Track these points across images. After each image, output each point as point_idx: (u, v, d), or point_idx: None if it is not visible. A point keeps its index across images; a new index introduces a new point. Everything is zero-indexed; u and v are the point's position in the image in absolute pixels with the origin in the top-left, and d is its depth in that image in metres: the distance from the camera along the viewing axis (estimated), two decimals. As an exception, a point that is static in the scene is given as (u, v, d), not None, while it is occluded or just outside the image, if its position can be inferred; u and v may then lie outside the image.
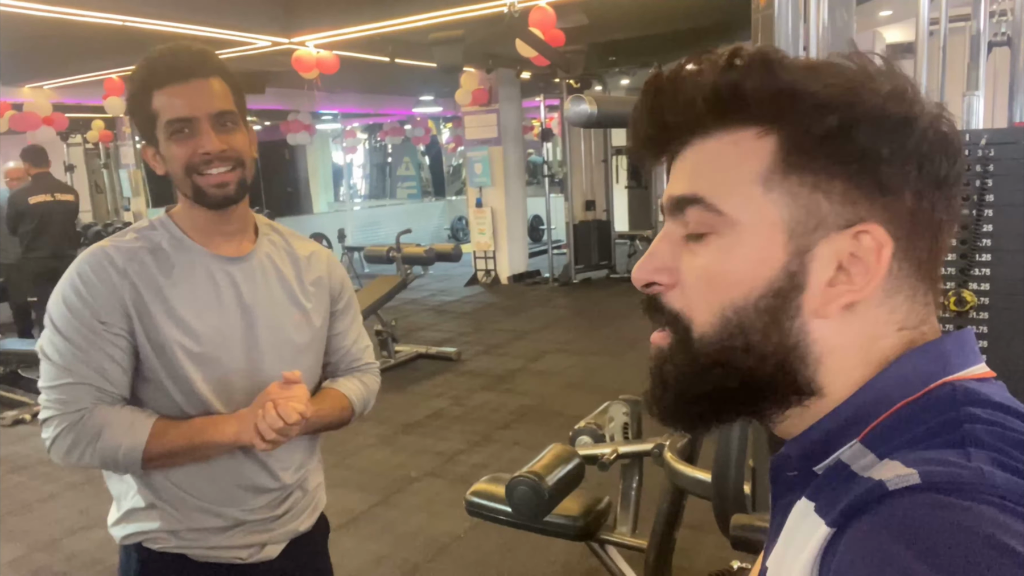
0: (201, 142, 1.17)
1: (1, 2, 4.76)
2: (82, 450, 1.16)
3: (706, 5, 5.84)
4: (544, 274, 9.40)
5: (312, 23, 6.01)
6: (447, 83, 9.01)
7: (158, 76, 1.17)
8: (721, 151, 0.51)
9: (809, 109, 0.48)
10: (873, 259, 0.49)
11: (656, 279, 0.54)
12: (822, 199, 0.49)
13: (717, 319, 0.52)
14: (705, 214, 0.51)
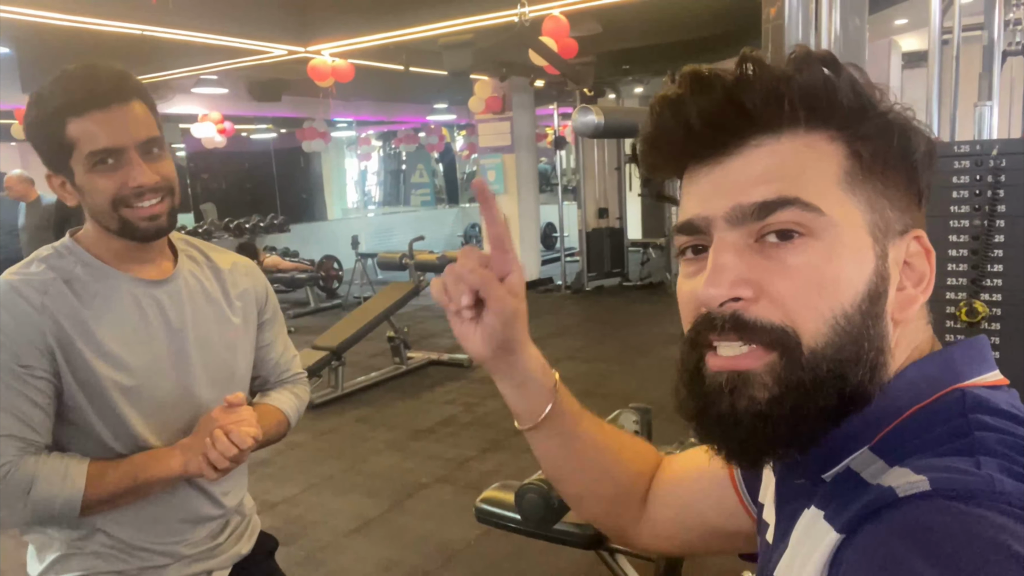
0: (132, 174, 1.08)
1: (24, 11, 4.83)
2: (11, 508, 1.05)
3: (719, 14, 5.84)
4: (557, 281, 9.39)
5: (327, 32, 6.06)
6: (461, 91, 9.05)
7: (74, 102, 1.06)
8: (797, 152, 0.50)
9: (878, 118, 0.50)
10: (924, 262, 0.52)
11: (739, 293, 0.49)
12: (887, 205, 0.50)
13: (830, 328, 0.48)
14: (804, 215, 0.48)
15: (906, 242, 0.51)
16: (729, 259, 0.49)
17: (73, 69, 1.09)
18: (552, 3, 5.10)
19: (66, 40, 5.70)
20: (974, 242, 1.25)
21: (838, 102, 0.49)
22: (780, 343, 0.48)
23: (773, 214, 0.48)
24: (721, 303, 0.49)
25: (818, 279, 0.48)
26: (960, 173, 1.24)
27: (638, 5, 5.18)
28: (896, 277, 0.51)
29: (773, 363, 0.48)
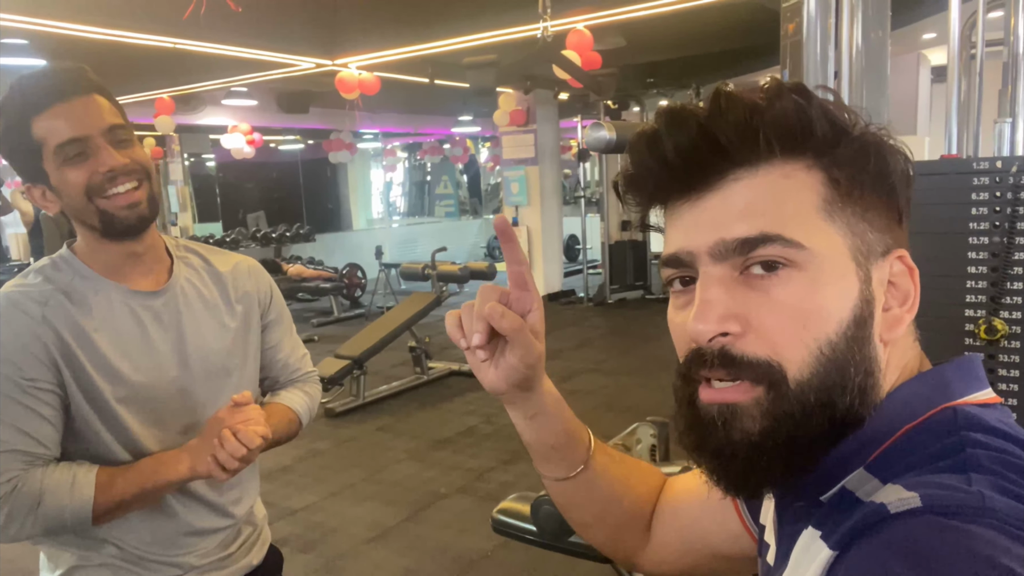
0: (101, 159, 1.06)
1: (60, 25, 4.98)
2: (21, 522, 1.04)
3: (742, 28, 5.84)
4: (579, 294, 9.38)
5: (354, 46, 6.15)
6: (486, 103, 9.12)
7: (34, 100, 1.05)
8: (775, 185, 0.50)
9: (853, 143, 0.51)
10: (908, 281, 0.52)
11: (726, 328, 0.49)
12: (867, 228, 0.51)
13: (815, 359, 0.48)
14: (786, 250, 0.49)
15: (889, 262, 0.51)
16: (716, 293, 0.50)
17: (28, 73, 1.07)
18: (576, 17, 5.14)
19: (102, 53, 5.85)
20: (993, 259, 1.24)
21: (811, 130, 0.50)
22: (766, 377, 0.49)
23: (756, 250, 0.49)
24: (710, 338, 0.50)
25: (803, 311, 0.48)
26: (979, 190, 1.23)
27: (662, 19, 5.20)
28: (881, 298, 0.51)
29: (759, 397, 0.49)
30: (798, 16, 1.45)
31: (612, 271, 9.06)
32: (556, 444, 0.71)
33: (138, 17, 5.03)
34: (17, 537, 1.06)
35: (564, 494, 0.75)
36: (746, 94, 0.50)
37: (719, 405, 0.50)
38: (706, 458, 0.52)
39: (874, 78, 1.76)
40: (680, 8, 4.96)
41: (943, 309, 1.28)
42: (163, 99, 7.86)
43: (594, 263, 10.22)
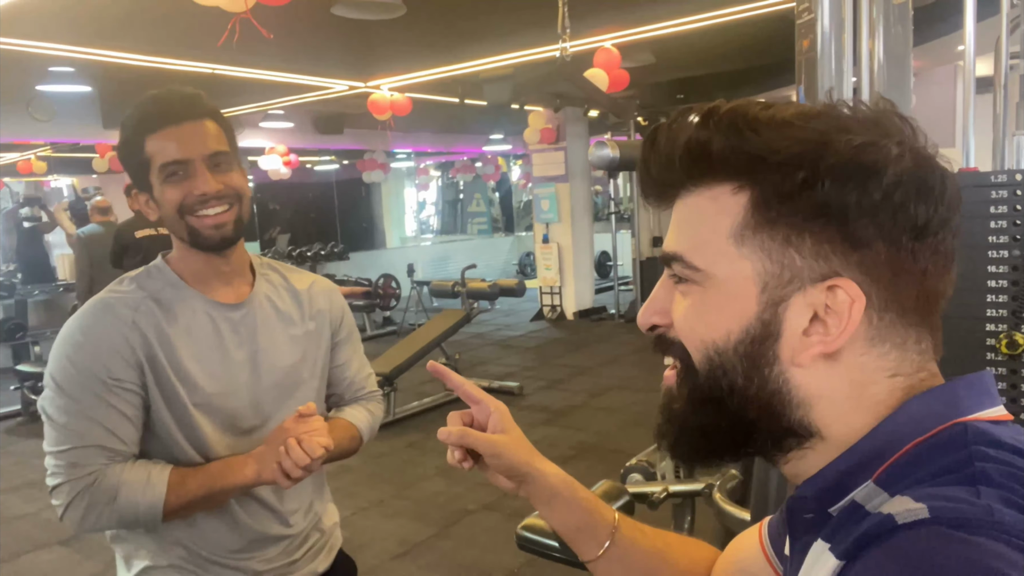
0: (196, 183, 1.15)
1: (104, 53, 5.17)
2: (98, 514, 1.11)
3: (770, 44, 5.81)
4: (610, 310, 9.35)
5: (386, 68, 6.27)
6: (516, 122, 9.19)
7: (150, 121, 1.16)
8: (700, 207, 0.54)
9: (775, 166, 0.50)
10: (845, 312, 0.49)
11: (656, 321, 0.58)
12: (794, 253, 0.50)
13: (704, 357, 0.55)
14: (685, 270, 0.55)
15: (820, 289, 0.50)
16: (659, 292, 0.59)
17: (151, 93, 1.19)
18: (603, 35, 5.18)
19: (144, 79, 6.05)
20: (1014, 273, 1.22)
21: (710, 160, 0.52)
22: (683, 358, 0.57)
23: (670, 265, 0.57)
24: (646, 329, 0.60)
25: (693, 319, 0.55)
26: (998, 203, 1.22)
27: (690, 35, 5.21)
28: (802, 324, 0.51)
29: (680, 371, 0.57)
30: (812, 32, 1.46)
31: (643, 287, 9.01)
32: (579, 525, 0.76)
33: (178, 44, 5.21)
34: (95, 527, 1.14)
35: (605, 573, 0.77)
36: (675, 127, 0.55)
37: (666, 387, 0.59)
38: (659, 422, 0.60)
39: (897, 94, 1.75)
40: (708, 24, 4.97)
41: (963, 324, 1.26)
42: (202, 122, 8.07)
43: (625, 279, 10.19)
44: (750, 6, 4.66)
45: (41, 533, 3.80)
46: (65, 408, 1.12)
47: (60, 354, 1.14)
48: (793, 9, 1.58)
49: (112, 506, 1.11)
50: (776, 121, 0.51)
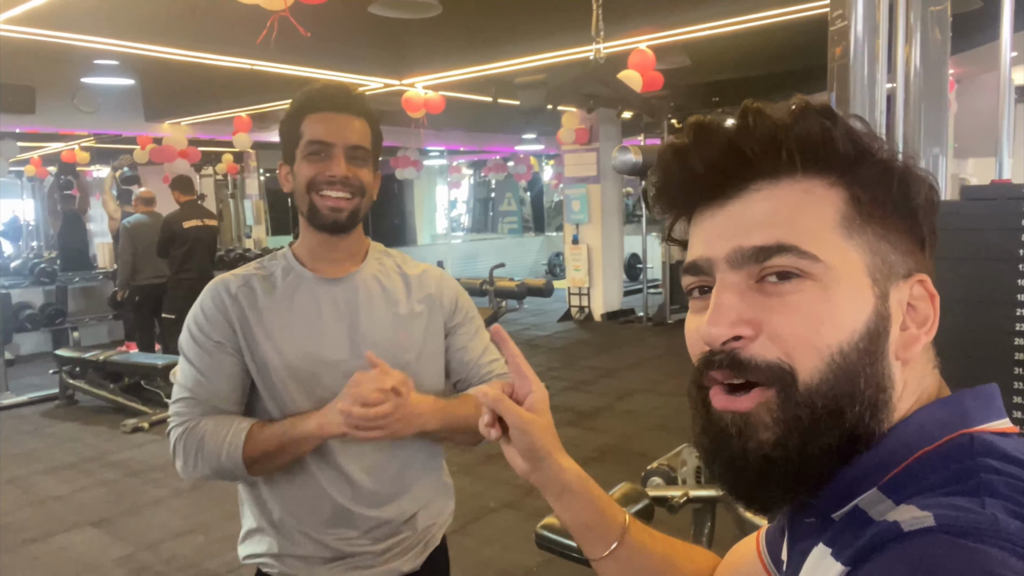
0: (330, 165, 1.25)
1: (147, 47, 5.29)
2: (193, 461, 1.23)
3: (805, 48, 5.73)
4: (638, 313, 9.31)
5: (421, 66, 6.32)
6: (549, 122, 9.19)
7: (313, 102, 1.28)
8: (795, 198, 0.52)
9: (877, 165, 0.53)
10: (928, 305, 0.53)
11: (739, 331, 0.51)
12: (889, 248, 0.52)
13: (826, 364, 0.49)
14: (800, 261, 0.50)
15: (909, 285, 0.53)
16: (730, 298, 0.51)
17: (322, 81, 1.33)
18: (639, 37, 5.16)
19: (185, 73, 6.19)
20: (1044, 287, 1.20)
21: (833, 150, 0.52)
22: (776, 379, 0.50)
23: (771, 258, 0.50)
24: (723, 342, 0.51)
25: (816, 316, 0.49)
26: (1030, 216, 1.20)
27: (725, 38, 5.17)
28: (899, 318, 0.52)
29: (769, 400, 0.50)
30: (845, 39, 1.44)
31: (672, 291, 8.95)
32: (589, 522, 0.75)
33: (218, 40, 5.31)
34: (194, 474, 1.25)
35: (610, 573, 0.77)
36: (774, 112, 0.52)
37: (732, 414, 0.52)
38: (719, 467, 0.53)
39: (933, 101, 1.73)
40: (743, 28, 4.93)
41: (992, 336, 1.24)
42: (241, 117, 8.23)
43: (654, 282, 10.13)
44: (786, 10, 4.61)
45: (74, 514, 3.91)
46: (184, 370, 1.27)
47: (186, 325, 1.29)
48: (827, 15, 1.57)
49: (201, 453, 1.22)
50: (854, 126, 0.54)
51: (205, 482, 4.31)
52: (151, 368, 5.71)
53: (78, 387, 6.03)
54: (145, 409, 5.62)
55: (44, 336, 8.09)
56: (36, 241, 11.84)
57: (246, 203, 12.16)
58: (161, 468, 4.57)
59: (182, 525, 3.71)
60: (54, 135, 9.14)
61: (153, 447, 5.01)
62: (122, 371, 5.82)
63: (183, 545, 3.48)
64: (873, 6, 1.43)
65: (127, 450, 4.95)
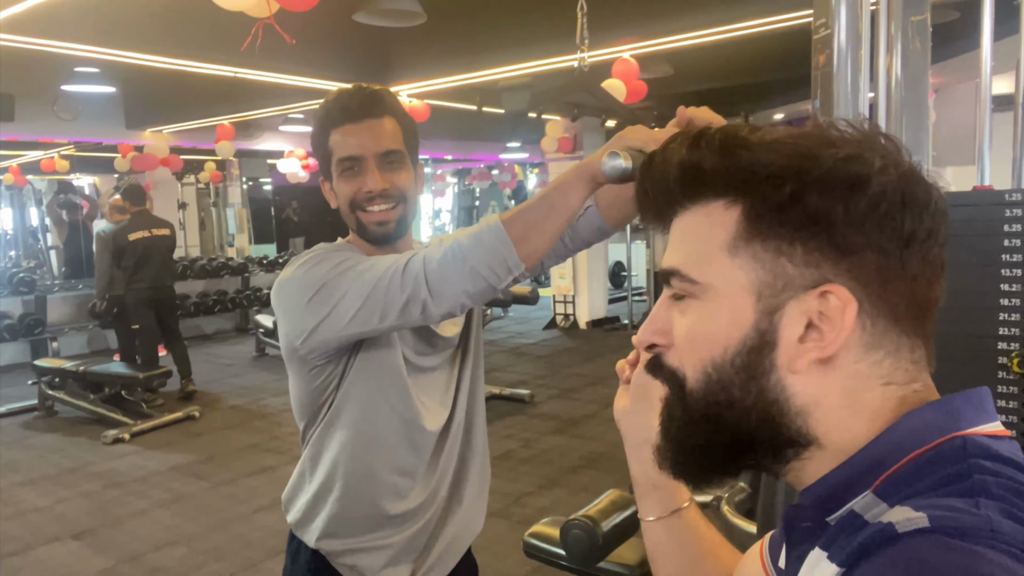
0: (365, 180, 1.23)
1: (129, 55, 5.25)
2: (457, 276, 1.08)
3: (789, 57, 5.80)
4: (623, 320, 9.34)
5: (405, 75, 6.32)
6: (534, 130, 9.22)
7: (333, 116, 1.24)
8: (696, 223, 0.56)
9: (763, 180, 0.52)
10: (838, 317, 0.51)
11: (655, 340, 0.59)
12: (786, 262, 0.52)
13: (702, 376, 0.55)
14: (683, 284, 0.56)
15: (813, 296, 0.51)
16: (659, 312, 0.60)
17: (339, 89, 1.27)
18: (622, 46, 5.19)
19: (167, 80, 6.15)
20: (1027, 291, 1.22)
21: (703, 177, 0.55)
22: (673, 382, 0.58)
23: (669, 280, 0.58)
24: (644, 347, 0.61)
25: (693, 335, 0.56)
26: (1012, 221, 1.22)
27: (709, 48, 5.21)
28: (795, 330, 0.52)
29: (668, 398, 0.59)
30: (828, 48, 1.46)
31: (657, 298, 8.98)
32: (658, 482, 0.77)
33: (201, 48, 5.28)
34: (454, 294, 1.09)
35: (655, 538, 0.79)
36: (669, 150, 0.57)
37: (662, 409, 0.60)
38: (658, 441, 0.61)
39: (914, 110, 1.75)
40: (726, 37, 4.97)
41: (975, 341, 1.26)
42: (224, 125, 8.18)
43: (639, 290, 10.17)
44: (768, 19, 4.66)
45: (54, 527, 3.84)
46: (348, 275, 1.16)
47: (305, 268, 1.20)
48: (808, 26, 1.59)
49: (465, 262, 1.07)
50: (765, 139, 0.54)
51: (187, 492, 4.26)
52: (132, 378, 5.64)
53: (58, 398, 5.95)
54: (126, 420, 5.55)
55: (22, 346, 7.97)
56: (14, 251, 11.68)
57: (228, 211, 12.07)
58: (143, 479, 4.52)
59: (165, 537, 3.66)
60: (33, 143, 9.03)
61: (134, 458, 4.94)
62: (102, 381, 5.74)
63: (166, 557, 3.43)
64: (856, 15, 1.45)
65: (108, 461, 4.88)
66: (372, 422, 1.28)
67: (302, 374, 1.27)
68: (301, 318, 1.19)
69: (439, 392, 1.35)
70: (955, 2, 4.03)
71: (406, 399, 1.27)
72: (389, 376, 1.26)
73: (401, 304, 1.11)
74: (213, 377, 7.14)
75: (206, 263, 9.64)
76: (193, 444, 5.20)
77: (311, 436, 1.33)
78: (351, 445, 1.28)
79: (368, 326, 1.15)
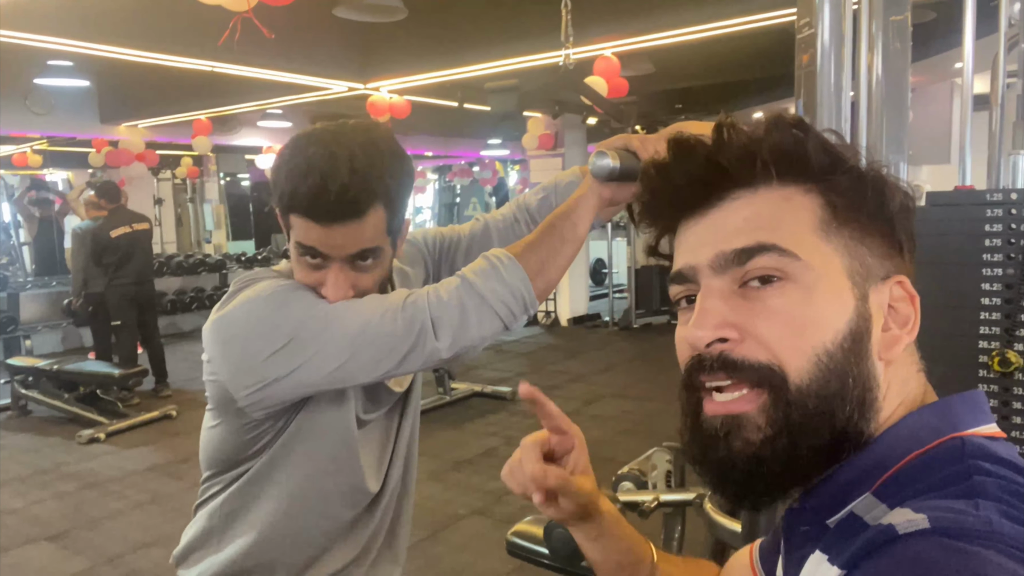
0: (328, 283, 1.00)
1: (104, 48, 5.16)
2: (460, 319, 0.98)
3: (769, 57, 5.84)
4: (604, 318, 9.36)
5: (386, 70, 6.28)
6: (515, 127, 9.21)
7: (300, 203, 0.96)
8: (773, 204, 0.54)
9: (850, 172, 0.54)
10: (908, 306, 0.54)
11: (724, 334, 0.52)
12: (866, 252, 0.54)
13: (814, 365, 0.50)
14: (781, 260, 0.51)
15: (888, 286, 0.54)
16: (714, 303, 0.53)
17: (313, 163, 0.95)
18: (604, 44, 5.19)
19: (142, 75, 6.05)
20: (1007, 291, 1.23)
21: (807, 158, 0.54)
22: (767, 380, 0.51)
23: (752, 259, 0.52)
24: (708, 344, 0.52)
25: (799, 319, 0.51)
26: (992, 221, 1.23)
27: (690, 46, 5.22)
28: (880, 319, 0.53)
29: (765, 403, 0.51)
30: (812, 47, 1.46)
31: (638, 295, 9.03)
32: (621, 562, 0.75)
33: (178, 42, 5.20)
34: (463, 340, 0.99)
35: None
36: (748, 126, 0.54)
37: (723, 417, 0.52)
38: (708, 470, 0.54)
39: (895, 109, 1.76)
40: (708, 36, 4.99)
41: (956, 341, 1.27)
42: (201, 120, 8.07)
43: (620, 287, 10.20)
44: (749, 18, 4.68)
45: (29, 528, 3.78)
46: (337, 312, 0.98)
47: (275, 302, 0.99)
48: (789, 24, 1.59)
49: (480, 297, 0.97)
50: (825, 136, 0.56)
51: (165, 493, 4.21)
52: (108, 377, 5.56)
53: (31, 397, 5.84)
54: (101, 419, 5.47)
55: (-5, 344, 7.83)
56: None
57: (206, 208, 11.93)
58: (119, 479, 4.45)
59: (142, 538, 3.61)
60: (5, 137, 8.85)
61: (110, 458, 4.87)
62: (77, 380, 5.65)
63: (143, 559, 3.39)
64: (839, 15, 1.46)
65: (84, 461, 4.80)
66: (314, 483, 1.10)
67: (231, 425, 1.07)
68: (256, 369, 0.97)
69: (378, 448, 1.19)
70: (932, 3, 4.07)
71: (354, 460, 1.11)
72: (340, 434, 1.09)
73: (401, 355, 0.96)
74: (191, 376, 7.06)
75: (183, 260, 9.53)
76: (170, 444, 5.13)
77: (225, 491, 1.13)
78: (286, 506, 1.10)
79: (351, 381, 1.00)
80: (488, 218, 1.31)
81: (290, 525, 1.12)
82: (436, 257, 1.31)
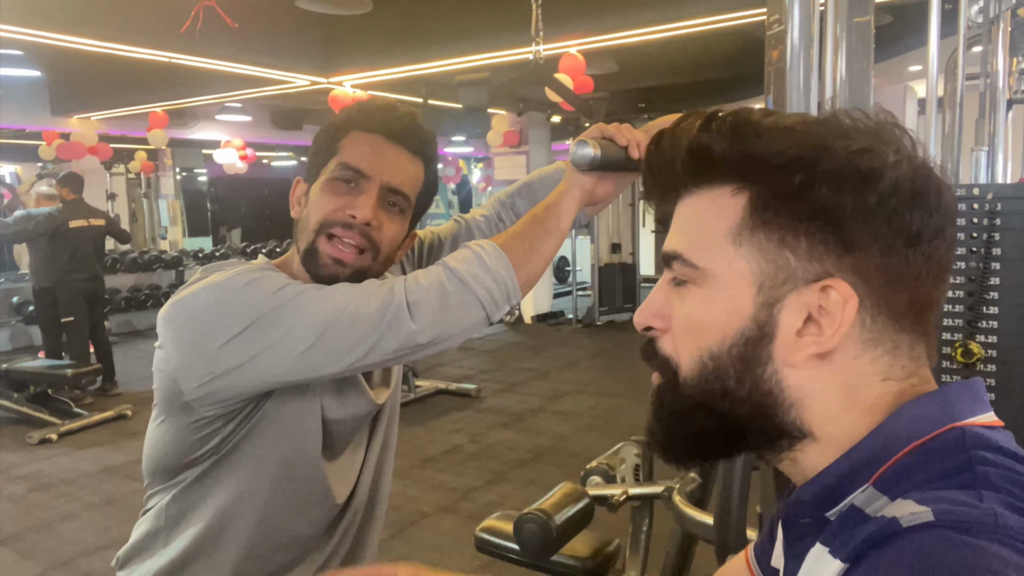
0: (356, 202, 0.97)
1: (56, 37, 5.00)
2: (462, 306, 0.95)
3: (731, 57, 5.94)
4: (568, 315, 9.41)
5: (349, 64, 6.20)
6: (479, 124, 9.19)
7: (365, 118, 1.01)
8: (701, 207, 0.55)
9: (774, 169, 0.51)
10: (838, 312, 0.50)
11: (652, 324, 0.58)
12: (789, 254, 0.51)
13: (697, 364, 0.55)
14: (684, 269, 0.55)
15: (814, 290, 0.50)
16: (656, 294, 0.59)
17: (392, 102, 1.06)
18: (569, 42, 5.21)
19: (95, 65, 5.88)
20: (970, 284, 1.27)
21: (715, 162, 0.53)
22: (665, 370, 0.58)
23: (670, 264, 0.57)
24: (641, 329, 0.60)
25: (695, 322, 0.55)
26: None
27: (653, 46, 5.28)
28: (794, 323, 0.51)
29: (661, 386, 0.59)
30: (782, 44, 1.48)
31: (601, 293, 9.09)
32: None
33: (134, 31, 5.06)
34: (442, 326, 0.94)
35: None
36: (678, 131, 0.56)
37: (654, 384, 0.60)
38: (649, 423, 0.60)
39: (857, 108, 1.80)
40: (671, 36, 5.04)
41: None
42: (157, 113, 7.88)
43: (584, 285, 10.26)
44: (710, 19, 4.74)
45: (-25, 533, 3.64)
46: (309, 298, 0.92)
47: (251, 288, 0.92)
48: (751, 26, 1.61)
49: (465, 287, 0.94)
50: (778, 126, 0.52)
51: (120, 494, 4.09)
52: (60, 376, 5.38)
53: (-23, 398, 5.63)
54: (53, 420, 5.29)
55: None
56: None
57: (161, 203, 11.65)
58: (72, 481, 4.32)
59: (96, 540, 3.51)
60: (-51, 128, 8.53)
61: (62, 460, 4.72)
62: (27, 380, 5.46)
63: (98, 561, 3.29)
64: (808, 13, 1.48)
65: (34, 463, 4.65)
66: (270, 487, 1.03)
67: (178, 423, 0.99)
68: (210, 357, 0.91)
69: (346, 459, 1.12)
70: (889, 6, 4.18)
71: (317, 465, 1.05)
72: (303, 435, 1.02)
73: (373, 339, 0.90)
74: (145, 375, 6.84)
75: (137, 256, 9.29)
76: (125, 444, 4.99)
77: (172, 489, 1.06)
78: (240, 509, 1.03)
79: (317, 371, 0.92)
80: (468, 218, 1.30)
81: (237, 538, 1.03)
82: (416, 262, 1.27)
